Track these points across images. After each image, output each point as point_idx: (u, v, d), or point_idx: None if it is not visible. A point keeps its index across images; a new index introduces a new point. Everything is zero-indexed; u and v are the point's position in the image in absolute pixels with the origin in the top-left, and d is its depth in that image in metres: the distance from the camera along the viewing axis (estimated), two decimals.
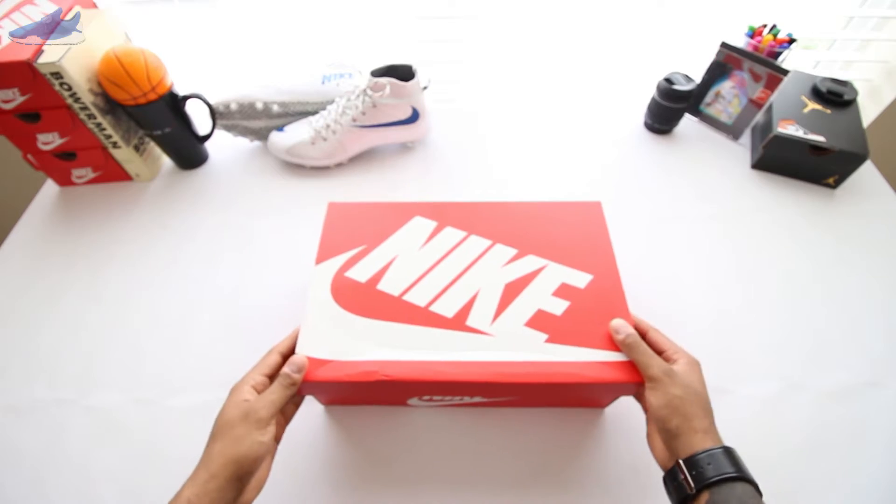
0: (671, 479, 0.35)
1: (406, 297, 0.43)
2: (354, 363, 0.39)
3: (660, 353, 0.39)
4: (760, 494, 0.33)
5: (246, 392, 0.36)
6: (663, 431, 0.35)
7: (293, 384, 0.37)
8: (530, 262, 0.46)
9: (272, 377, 0.38)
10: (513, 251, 0.46)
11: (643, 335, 0.40)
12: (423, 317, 0.42)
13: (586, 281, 0.44)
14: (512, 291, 0.44)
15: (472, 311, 0.42)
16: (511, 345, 0.40)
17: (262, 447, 0.34)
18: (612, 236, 0.48)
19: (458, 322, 0.41)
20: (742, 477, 0.32)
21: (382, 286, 0.44)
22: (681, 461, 0.34)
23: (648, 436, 0.38)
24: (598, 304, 0.42)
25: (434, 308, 0.42)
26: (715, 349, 0.54)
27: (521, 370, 0.39)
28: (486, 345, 0.40)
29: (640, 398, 0.40)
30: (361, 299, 0.43)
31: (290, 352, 0.40)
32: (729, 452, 0.33)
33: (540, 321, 0.42)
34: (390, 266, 0.45)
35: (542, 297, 0.43)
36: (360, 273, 0.45)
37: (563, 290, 0.43)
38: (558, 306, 0.42)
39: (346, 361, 0.39)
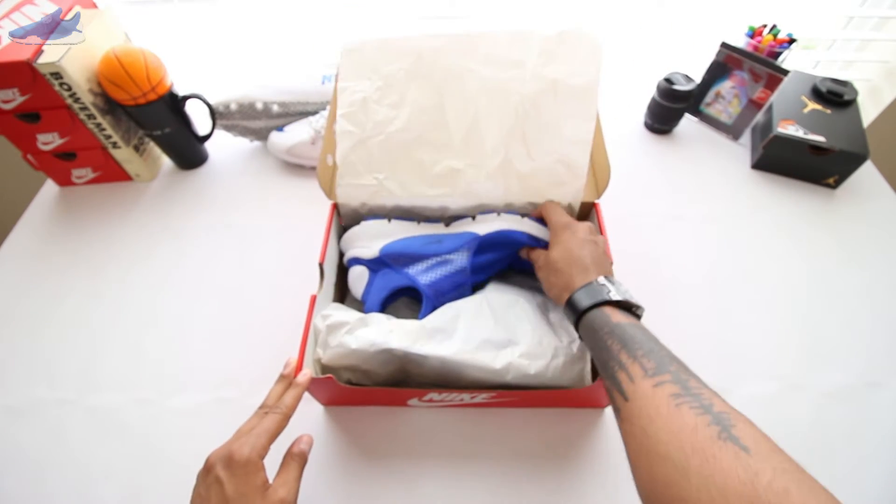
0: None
1: None
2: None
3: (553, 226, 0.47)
4: (628, 307, 0.38)
5: (263, 471, 0.34)
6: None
7: (305, 462, 0.37)
8: None
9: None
10: None
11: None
12: None
13: None
14: None
15: None
16: None
17: None
18: (612, 236, 0.49)
19: None
20: (589, 307, 0.37)
21: None
22: (565, 312, 0.42)
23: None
24: None
25: None
26: (715, 349, 0.54)
27: None
28: None
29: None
30: None
31: (292, 410, 0.38)
32: (586, 289, 0.39)
33: None
34: None
35: None
36: None
37: None
38: None
39: None
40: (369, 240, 0.52)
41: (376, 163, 0.51)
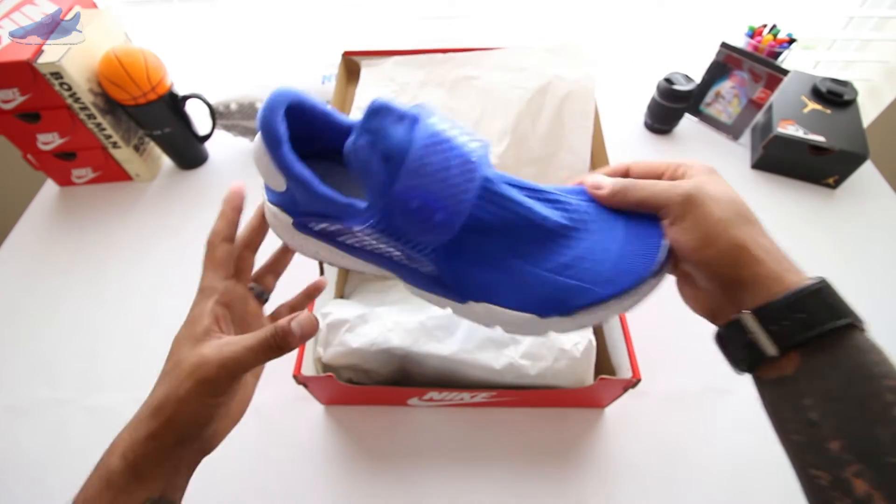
0: (731, 338, 0.25)
1: None
2: None
3: (657, 177, 0.28)
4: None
5: (211, 319, 0.27)
6: (717, 277, 0.25)
7: (287, 347, 0.25)
8: None
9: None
10: None
11: (626, 174, 0.29)
12: None
13: None
14: None
15: None
16: None
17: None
18: None
19: None
20: (852, 323, 0.22)
21: None
22: (750, 312, 0.24)
23: (681, 287, 0.28)
24: None
25: None
26: (715, 350, 0.54)
27: None
28: None
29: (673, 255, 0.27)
30: None
31: (257, 235, 0.31)
32: (822, 290, 0.23)
33: None
34: None
35: None
36: None
37: None
38: None
39: None
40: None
41: None
